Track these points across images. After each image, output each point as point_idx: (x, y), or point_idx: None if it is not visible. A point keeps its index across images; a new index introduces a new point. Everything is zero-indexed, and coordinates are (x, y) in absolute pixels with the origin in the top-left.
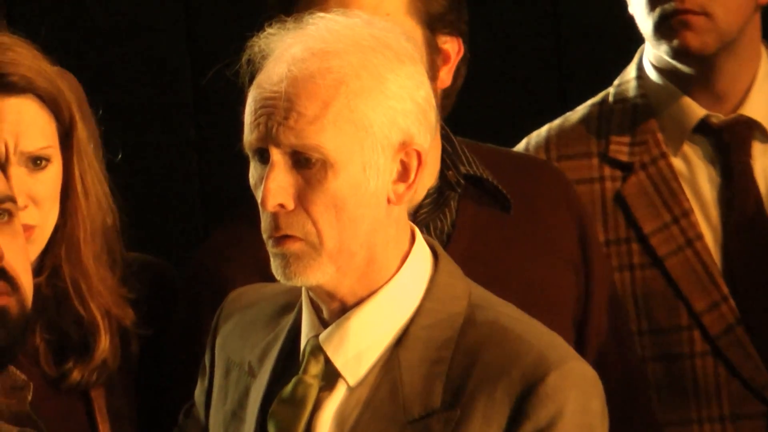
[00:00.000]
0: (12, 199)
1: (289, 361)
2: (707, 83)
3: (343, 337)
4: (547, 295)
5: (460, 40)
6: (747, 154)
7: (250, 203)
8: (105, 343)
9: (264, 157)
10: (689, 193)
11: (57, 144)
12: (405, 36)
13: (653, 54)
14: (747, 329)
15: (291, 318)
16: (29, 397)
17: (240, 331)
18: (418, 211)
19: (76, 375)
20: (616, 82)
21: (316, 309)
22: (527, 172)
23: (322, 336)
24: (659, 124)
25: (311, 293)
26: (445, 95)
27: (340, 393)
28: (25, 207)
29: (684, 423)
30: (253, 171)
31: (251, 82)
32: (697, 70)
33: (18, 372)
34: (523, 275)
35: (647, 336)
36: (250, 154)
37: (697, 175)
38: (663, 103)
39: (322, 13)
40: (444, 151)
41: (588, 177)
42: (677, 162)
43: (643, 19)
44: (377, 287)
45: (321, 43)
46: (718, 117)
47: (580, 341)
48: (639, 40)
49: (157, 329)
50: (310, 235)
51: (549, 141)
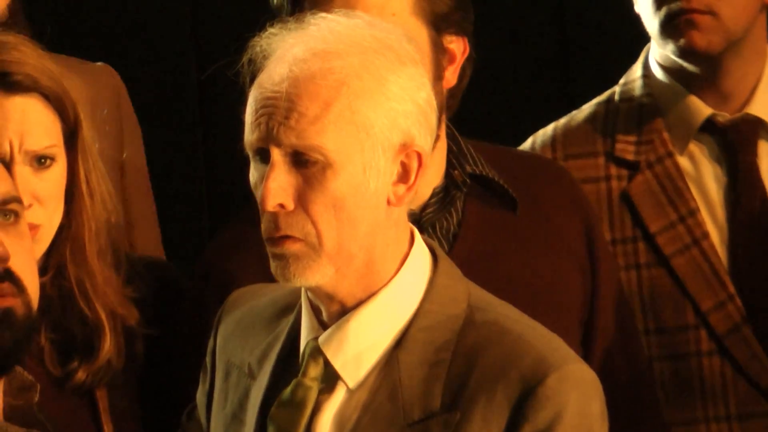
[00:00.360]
0: (18, 200)
1: (289, 363)
2: (713, 82)
3: (343, 340)
4: (554, 295)
5: (465, 39)
6: (753, 153)
7: (256, 204)
8: (109, 343)
9: (264, 157)
10: (695, 192)
11: (62, 143)
12: (407, 38)
13: (659, 53)
14: (753, 328)
15: (290, 320)
16: (36, 398)
17: (240, 333)
18: (424, 211)
19: (80, 375)
20: (621, 81)
21: (315, 311)
22: (533, 171)
23: (321, 338)
24: (665, 123)
25: (310, 295)
26: (451, 95)
27: (339, 395)
28: (30, 206)
29: (690, 422)
30: (254, 171)
31: (252, 81)
32: (703, 69)
33: (25, 373)
34: (530, 275)
35: (653, 335)
36: (250, 154)
37: (704, 174)
38: (669, 102)
39: (324, 14)
40: (450, 151)
41: (594, 176)
42: (683, 161)
43: (650, 18)
44: (376, 289)
45: (322, 44)
46: (724, 116)
47: (586, 340)
48: (645, 38)
49: (162, 329)
50: (309, 236)
51: (555, 140)
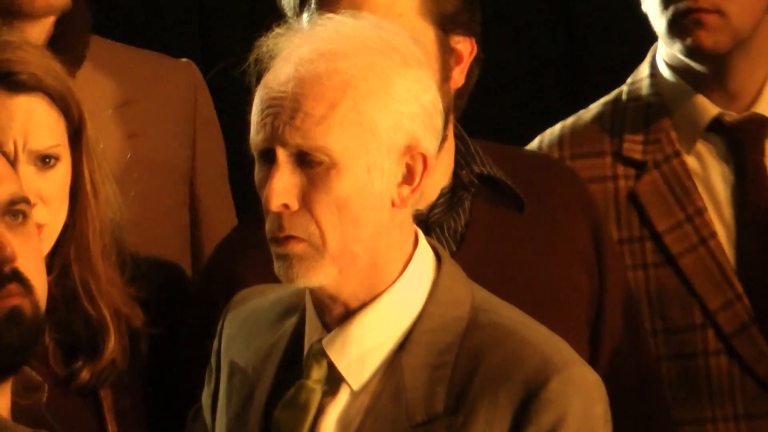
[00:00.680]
0: (26, 201)
1: (292, 365)
2: (720, 81)
3: (346, 342)
4: (561, 295)
5: (473, 40)
6: (760, 152)
7: (261, 205)
8: (114, 343)
9: (269, 158)
10: (702, 192)
11: (66, 143)
12: (413, 40)
13: (666, 52)
14: (761, 328)
15: (294, 321)
16: (44, 398)
17: (244, 334)
18: (431, 211)
19: (85, 375)
20: (629, 80)
21: (319, 313)
22: (541, 171)
23: (325, 340)
24: (672, 122)
25: (314, 296)
26: (458, 95)
27: (343, 398)
28: (34, 205)
29: (698, 422)
30: (258, 171)
31: (258, 82)
32: (711, 68)
33: (33, 373)
34: (537, 275)
35: (661, 335)
36: (255, 154)
37: (711, 174)
38: (676, 102)
39: (331, 15)
40: (457, 151)
41: (601, 175)
42: (690, 160)
43: (657, 18)
44: (380, 291)
45: (329, 44)
46: (731, 115)
47: (594, 340)
48: (652, 38)
49: (166, 329)
50: (313, 237)
51: (562, 139)
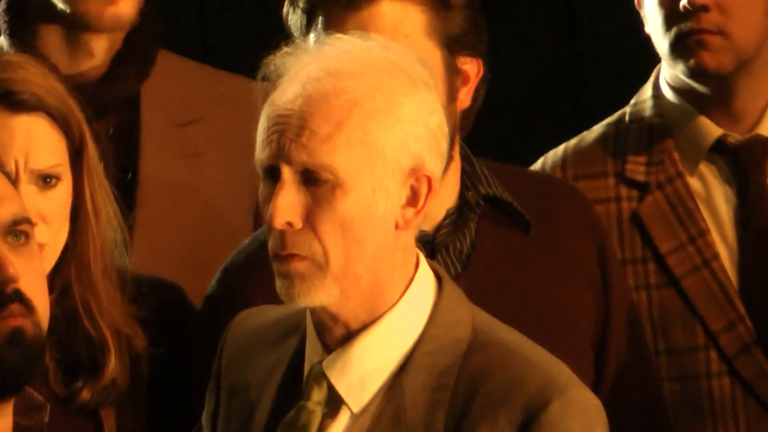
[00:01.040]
0: (29, 221)
1: (292, 386)
2: (724, 103)
3: (347, 363)
4: (567, 316)
5: (479, 60)
6: (763, 173)
7: None
8: (114, 363)
9: (274, 175)
10: (705, 213)
11: (67, 162)
12: (420, 61)
13: (669, 73)
14: (763, 349)
15: (295, 342)
16: (46, 418)
17: (244, 355)
18: (437, 232)
19: (85, 394)
20: (632, 101)
21: (319, 334)
22: (547, 192)
23: (325, 362)
24: (676, 143)
25: (315, 317)
26: (465, 116)
27: (343, 420)
28: (35, 225)
29: None
30: (263, 189)
31: (265, 100)
32: (714, 89)
33: (35, 393)
34: (543, 296)
35: (664, 356)
36: (260, 171)
37: (714, 195)
38: (679, 123)
39: (339, 35)
40: (464, 172)
41: (604, 196)
42: (693, 181)
43: (660, 39)
44: (381, 313)
45: (337, 64)
46: (734, 136)
47: (599, 361)
48: (655, 58)
49: (167, 349)
50: (316, 255)
51: (565, 160)
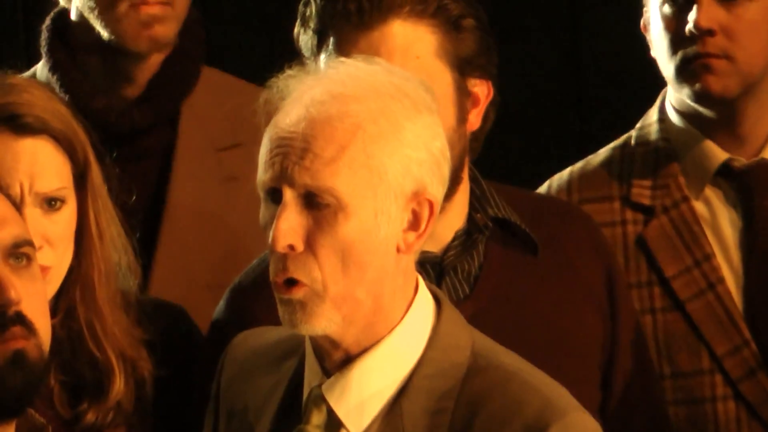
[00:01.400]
0: (31, 243)
1: (291, 409)
2: (729, 127)
3: (346, 387)
4: (574, 338)
5: (489, 83)
6: None
7: None
8: (119, 385)
9: (276, 198)
10: (711, 237)
11: (71, 185)
12: (424, 86)
13: (675, 97)
14: None
15: (294, 364)
16: None
17: (243, 377)
18: (445, 254)
19: (90, 416)
20: (638, 125)
21: (318, 357)
22: (555, 215)
23: (324, 385)
24: (681, 167)
25: (314, 342)
26: (474, 138)
27: None
28: (40, 248)
29: None
30: (264, 211)
31: (268, 122)
32: (719, 113)
33: (36, 415)
34: (550, 318)
35: (669, 380)
36: (262, 194)
37: (719, 219)
38: (685, 147)
39: (343, 59)
40: (472, 194)
41: (610, 220)
42: (699, 205)
43: (665, 63)
44: (381, 337)
45: (341, 87)
46: (740, 161)
47: (606, 384)
48: (661, 82)
49: (172, 371)
50: (315, 282)
51: (571, 184)
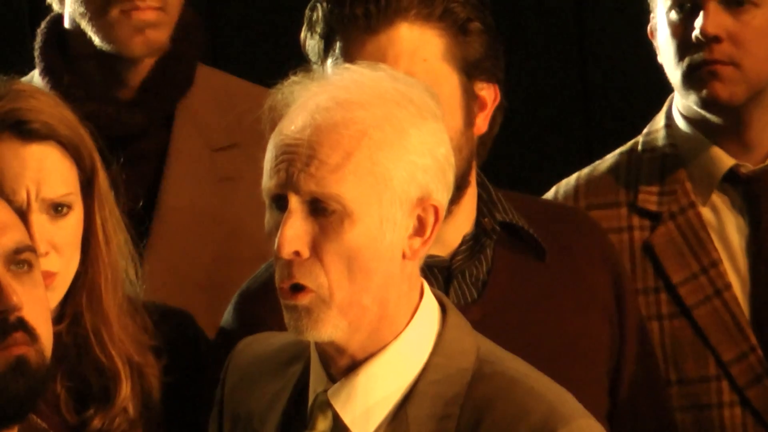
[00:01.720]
0: (32, 249)
1: (297, 415)
2: (736, 133)
3: (352, 393)
4: (582, 344)
5: (496, 87)
6: None
7: None
8: (126, 391)
9: (281, 204)
10: (718, 243)
11: (78, 191)
12: (429, 92)
13: (682, 103)
14: None
15: (298, 370)
16: None
17: (247, 383)
18: (453, 258)
19: (96, 422)
20: (645, 131)
21: (324, 363)
22: (563, 221)
23: (330, 391)
24: (688, 173)
25: (320, 347)
26: (481, 142)
27: None
28: (47, 254)
29: None
30: (269, 218)
31: (273, 129)
32: (726, 119)
33: (38, 420)
34: (558, 324)
35: (675, 386)
36: (267, 200)
37: (726, 225)
38: (692, 153)
39: (348, 65)
40: (480, 199)
41: (617, 226)
42: (706, 212)
43: (672, 69)
44: (386, 342)
45: (346, 94)
46: (747, 167)
47: (613, 391)
48: (668, 88)
49: (179, 377)
50: (321, 288)
51: (578, 190)
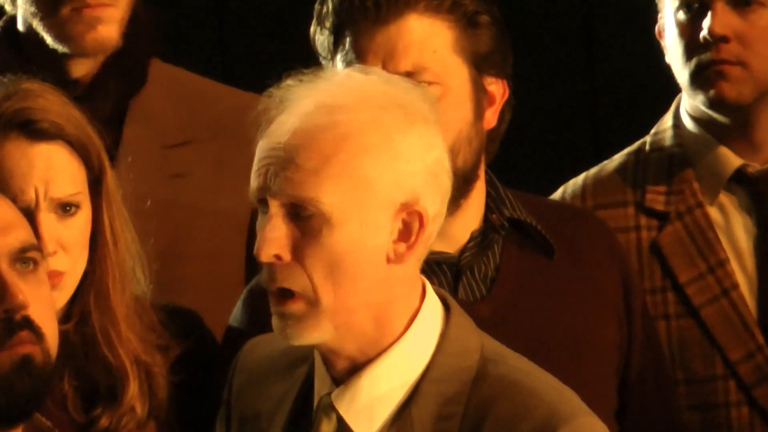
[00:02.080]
0: (37, 248)
1: (302, 417)
2: (743, 133)
3: (356, 395)
4: (591, 342)
5: (505, 82)
6: None
7: None
8: (133, 390)
9: (264, 208)
10: (725, 243)
11: (86, 190)
12: (424, 96)
13: (689, 103)
14: None
15: (304, 372)
16: None
17: (254, 384)
18: (462, 255)
19: (104, 421)
20: (652, 131)
21: (327, 366)
22: (571, 220)
23: (334, 394)
24: (695, 173)
25: (319, 350)
26: (490, 139)
27: None
28: (55, 253)
29: None
30: (259, 221)
31: (263, 131)
32: (734, 119)
33: (43, 419)
34: (567, 320)
35: (683, 385)
36: (255, 203)
37: (733, 225)
38: (699, 153)
39: (340, 68)
40: (488, 195)
41: (624, 226)
42: (713, 211)
43: (680, 70)
44: (387, 344)
45: (330, 98)
46: (754, 167)
47: (622, 389)
48: (675, 88)
49: (186, 376)
50: (307, 291)
51: (585, 190)
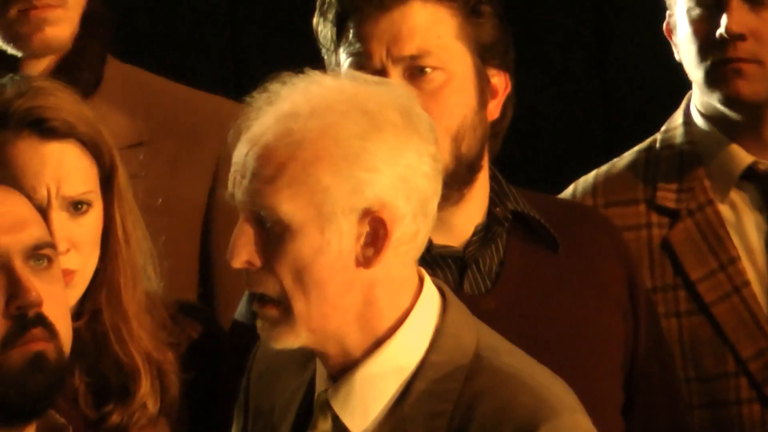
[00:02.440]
0: (52, 245)
1: (308, 414)
2: (755, 130)
3: (350, 394)
4: (595, 336)
5: (507, 75)
6: None
7: None
8: (145, 387)
9: None
10: (736, 240)
11: (98, 189)
12: (399, 101)
13: (700, 100)
14: None
15: (313, 367)
16: None
17: (271, 375)
18: (466, 248)
19: (115, 418)
20: (663, 128)
21: (324, 363)
22: (576, 218)
23: (329, 391)
24: (706, 170)
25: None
26: (493, 134)
27: None
28: (66, 251)
29: None
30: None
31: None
32: (747, 117)
33: (57, 415)
34: (572, 314)
35: (694, 383)
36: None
37: (744, 222)
38: (710, 150)
39: (309, 74)
40: (492, 190)
41: (635, 224)
42: (724, 209)
43: (694, 68)
44: (380, 342)
45: (289, 107)
46: (765, 164)
47: (628, 386)
48: (686, 86)
49: (198, 372)
50: (280, 297)
51: (596, 187)
